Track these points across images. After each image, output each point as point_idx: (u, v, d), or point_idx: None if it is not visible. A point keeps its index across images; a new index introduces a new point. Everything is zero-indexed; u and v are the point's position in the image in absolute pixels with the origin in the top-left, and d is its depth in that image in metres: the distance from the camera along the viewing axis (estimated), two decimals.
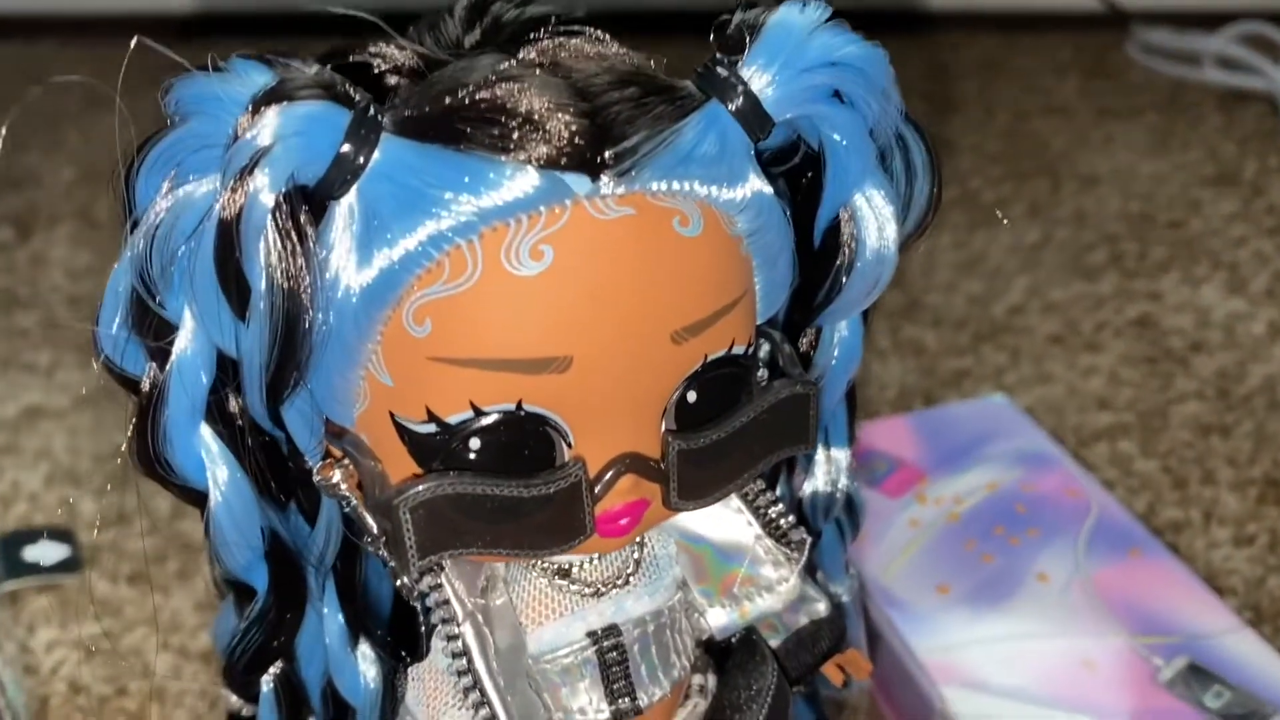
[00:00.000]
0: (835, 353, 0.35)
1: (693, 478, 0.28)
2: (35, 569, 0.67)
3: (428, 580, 0.30)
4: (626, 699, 0.31)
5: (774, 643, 0.36)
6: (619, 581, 0.31)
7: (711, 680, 0.35)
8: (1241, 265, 0.92)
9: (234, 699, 0.34)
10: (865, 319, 0.35)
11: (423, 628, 0.32)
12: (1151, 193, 1.03)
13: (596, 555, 0.31)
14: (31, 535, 0.69)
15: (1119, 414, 0.78)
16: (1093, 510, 0.61)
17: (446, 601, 0.30)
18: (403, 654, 0.32)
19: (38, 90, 0.34)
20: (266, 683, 0.32)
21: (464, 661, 0.29)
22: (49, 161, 1.10)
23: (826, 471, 0.37)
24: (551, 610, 0.31)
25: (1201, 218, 0.99)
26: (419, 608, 0.33)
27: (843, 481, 0.38)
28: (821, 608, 0.36)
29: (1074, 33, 1.32)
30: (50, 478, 0.75)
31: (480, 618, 0.30)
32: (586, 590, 0.31)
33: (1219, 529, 0.68)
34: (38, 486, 0.74)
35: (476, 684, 0.29)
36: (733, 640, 0.35)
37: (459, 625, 0.29)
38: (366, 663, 0.32)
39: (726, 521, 0.33)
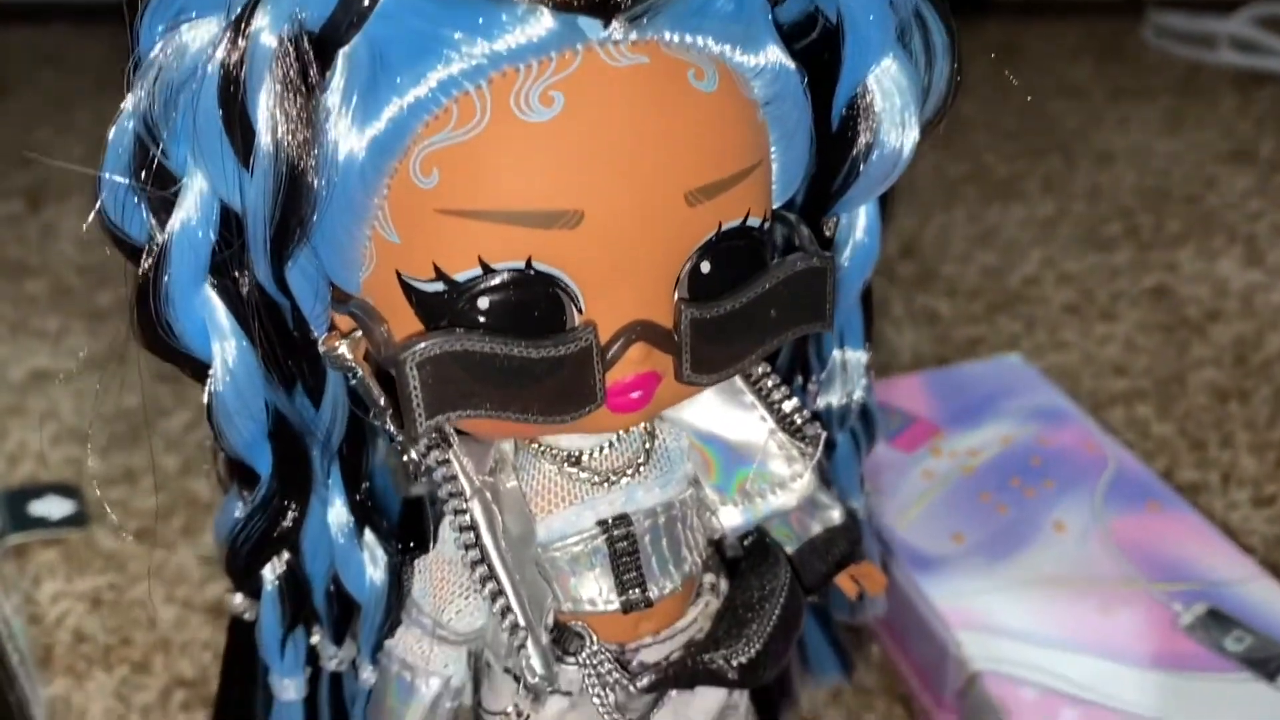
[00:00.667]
0: (851, 252, 0.34)
1: (706, 350, 0.28)
2: (41, 523, 0.66)
3: (435, 455, 0.29)
4: (637, 590, 0.31)
5: (788, 550, 0.35)
6: (630, 471, 0.30)
7: (724, 583, 0.34)
8: (1259, 238, 0.91)
9: (236, 600, 0.34)
10: (883, 214, 0.34)
11: (430, 520, 0.31)
12: (1167, 169, 1.02)
13: (607, 443, 0.30)
14: (38, 490, 0.69)
15: (1135, 380, 0.77)
16: (1110, 464, 0.60)
17: (454, 477, 0.29)
18: (409, 546, 0.32)
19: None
20: (270, 580, 0.31)
21: (471, 536, 0.28)
22: (60, 140, 1.10)
23: (842, 377, 0.36)
24: (561, 498, 0.30)
25: (1217, 193, 0.98)
26: (425, 497, 0.32)
27: (858, 391, 0.37)
28: (835, 515, 0.35)
29: (1088, 17, 1.31)
30: (57, 438, 0.74)
31: (489, 495, 0.29)
32: (597, 479, 0.30)
33: (1237, 490, 0.67)
34: (45, 446, 0.74)
35: (484, 559, 0.28)
36: (745, 544, 0.34)
37: (467, 501, 0.29)
38: (372, 557, 0.31)
39: (739, 420, 0.32)
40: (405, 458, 0.30)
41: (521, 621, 0.29)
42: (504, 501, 0.29)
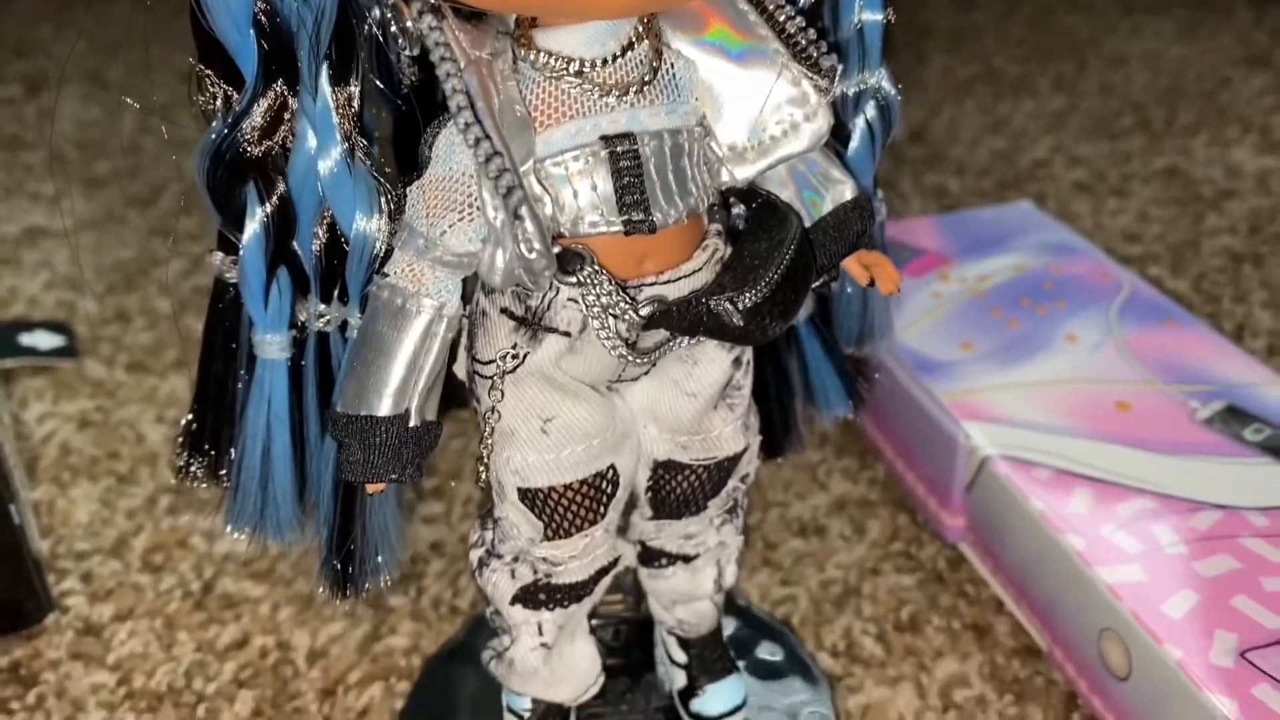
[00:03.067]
0: None
1: None
2: (30, 351, 0.65)
3: (428, 20, 0.28)
4: (640, 213, 0.29)
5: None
6: (635, 89, 0.29)
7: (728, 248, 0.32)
8: (1274, 129, 0.90)
9: (217, 259, 0.32)
10: None
11: (423, 140, 0.30)
12: (1180, 70, 1.00)
13: (612, 56, 0.29)
14: (28, 325, 0.68)
15: (1148, 246, 0.75)
16: (1124, 288, 0.59)
17: (447, 44, 0.27)
18: (400, 171, 0.30)
19: None
20: (257, 217, 0.30)
21: (463, 98, 0.27)
22: (61, 36, 1.09)
23: (859, 51, 0.35)
24: (563, 111, 0.29)
25: (1231, 92, 0.96)
26: (416, 116, 0.30)
27: (875, 74, 0.35)
28: (848, 191, 0.33)
29: None
30: (49, 284, 0.73)
31: (485, 71, 0.28)
32: (600, 93, 0.29)
33: (1252, 340, 0.66)
34: (36, 291, 0.72)
35: (478, 121, 0.27)
36: (753, 206, 0.33)
37: (461, 70, 0.27)
38: (362, 182, 0.30)
39: (751, 54, 0.31)
40: (396, 28, 0.28)
41: (517, 182, 0.27)
42: (501, 91, 0.28)
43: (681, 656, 0.40)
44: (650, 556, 0.37)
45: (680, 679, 0.40)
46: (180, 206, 0.81)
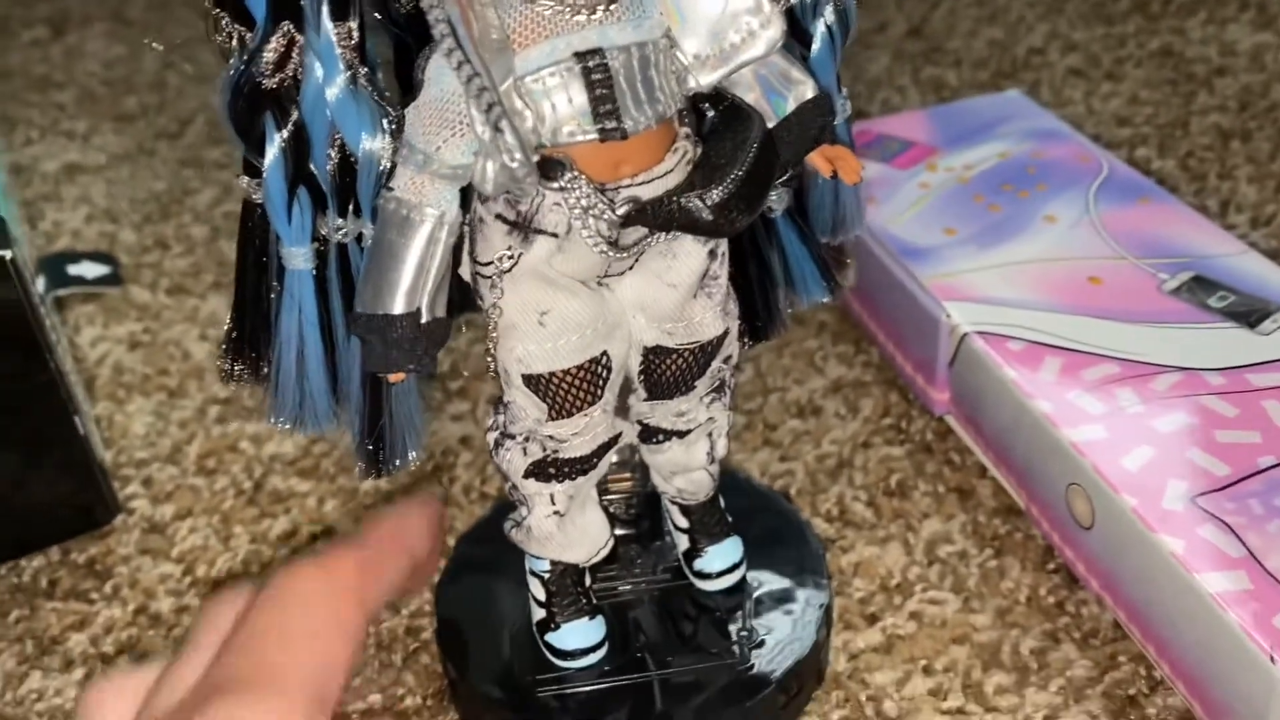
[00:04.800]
0: None
1: None
2: (78, 281, 0.70)
3: None
4: (613, 120, 0.33)
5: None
6: (603, 6, 0.32)
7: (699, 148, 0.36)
8: (1271, 3, 0.91)
9: (244, 181, 0.36)
10: None
11: (418, 65, 0.33)
12: None
13: None
14: (74, 256, 0.72)
15: (1138, 128, 0.77)
16: (1104, 169, 0.62)
17: None
18: (397, 104, 0.34)
19: None
20: (275, 142, 0.34)
21: (446, 27, 0.30)
22: None
23: None
24: (537, 32, 0.32)
25: None
26: (410, 42, 0.34)
27: None
28: (808, 90, 0.37)
29: None
30: (90, 217, 0.77)
31: (464, 3, 0.31)
32: (570, 11, 0.32)
33: (1235, 214, 0.68)
34: (78, 224, 0.77)
35: (459, 47, 0.30)
36: (719, 109, 0.36)
37: (442, 2, 0.31)
38: (366, 106, 0.33)
39: None
40: None
41: (496, 99, 0.31)
42: (480, 17, 0.31)
43: (683, 522, 0.45)
44: (648, 434, 0.41)
45: (684, 542, 0.45)
46: (207, 137, 0.85)
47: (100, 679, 0.38)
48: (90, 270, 0.71)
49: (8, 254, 0.46)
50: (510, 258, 0.35)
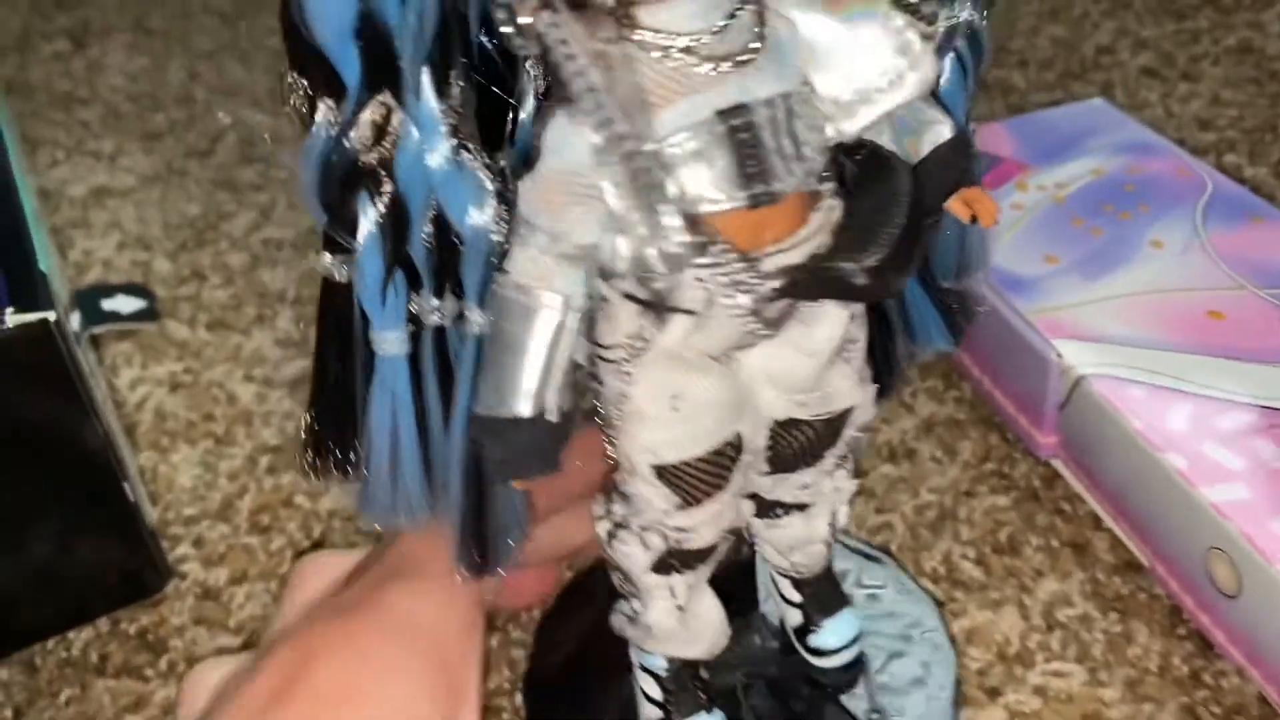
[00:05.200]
0: None
1: None
2: (113, 317, 0.66)
3: (546, 17, 0.27)
4: (762, 184, 0.29)
5: None
6: (743, 58, 0.29)
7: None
8: None
9: (326, 259, 0.32)
10: None
11: (537, 130, 0.29)
12: None
13: (717, 25, 0.28)
14: (108, 289, 0.69)
15: (1223, 131, 0.73)
16: (1208, 187, 0.58)
17: (566, 41, 0.27)
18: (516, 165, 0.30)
19: None
20: (371, 218, 0.30)
21: (585, 87, 0.27)
22: None
23: None
24: (675, 90, 0.28)
25: None
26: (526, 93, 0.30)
27: (961, 7, 0.34)
28: (946, 130, 0.33)
29: None
30: (121, 245, 0.74)
31: (601, 58, 0.27)
32: (708, 66, 0.28)
33: None
34: (110, 253, 0.73)
35: (602, 109, 0.26)
36: (857, 159, 0.33)
37: (581, 63, 0.27)
38: (474, 179, 0.29)
39: (849, 7, 0.30)
40: (510, 26, 0.28)
41: (651, 164, 0.27)
42: (618, 77, 0.28)
43: (796, 596, 0.41)
44: (766, 508, 0.38)
45: (796, 617, 0.41)
46: (239, 156, 0.81)
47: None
48: (125, 304, 0.67)
49: (51, 316, 0.42)
50: (643, 340, 0.31)
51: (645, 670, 0.38)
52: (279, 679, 0.37)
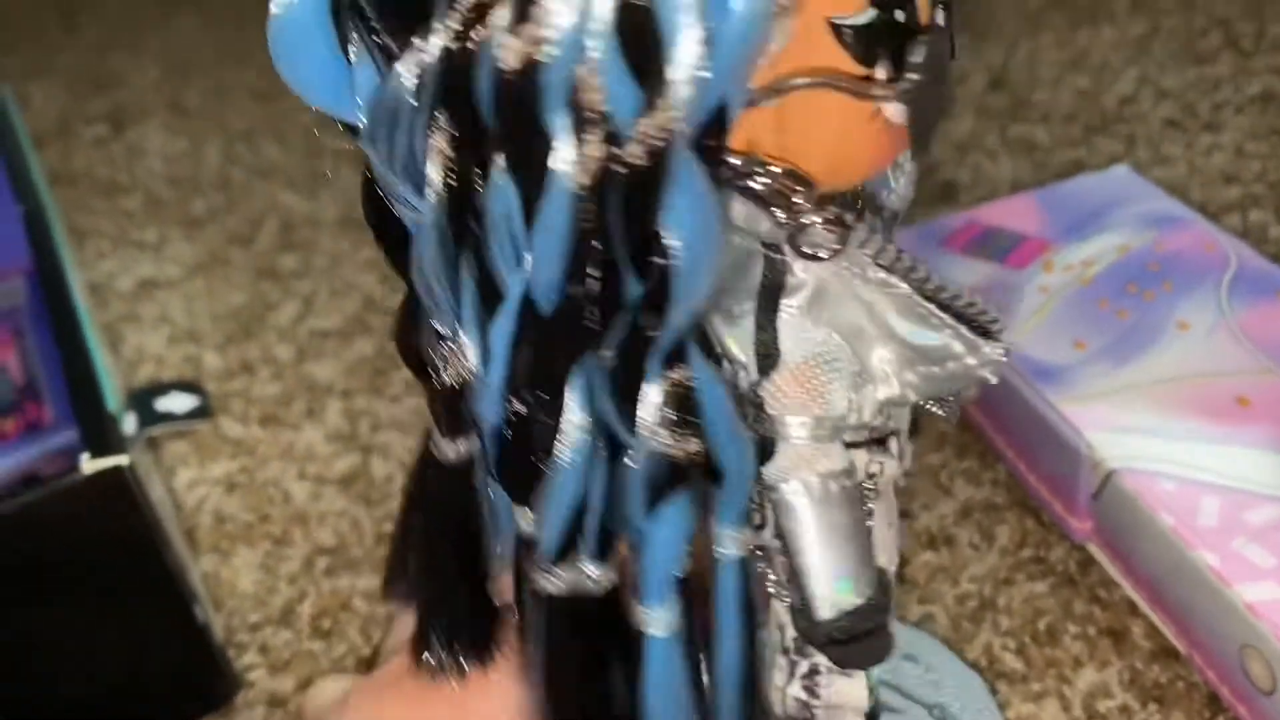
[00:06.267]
0: None
1: None
2: (168, 417, 0.68)
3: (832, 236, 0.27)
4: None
5: None
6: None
7: None
8: None
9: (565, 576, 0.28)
10: None
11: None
12: None
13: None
14: (161, 388, 0.71)
15: (1248, 186, 0.74)
16: (1232, 261, 0.59)
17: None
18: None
19: None
20: None
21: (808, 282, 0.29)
22: (135, 63, 1.11)
23: None
24: None
25: None
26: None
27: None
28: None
29: None
30: (172, 339, 0.76)
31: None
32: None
33: None
34: (161, 349, 0.76)
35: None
36: None
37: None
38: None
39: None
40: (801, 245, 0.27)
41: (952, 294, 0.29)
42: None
43: None
44: None
45: None
46: (280, 242, 0.84)
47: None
48: (179, 403, 0.70)
49: (124, 461, 0.45)
50: (875, 473, 0.32)
51: None
52: None
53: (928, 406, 0.32)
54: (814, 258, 0.28)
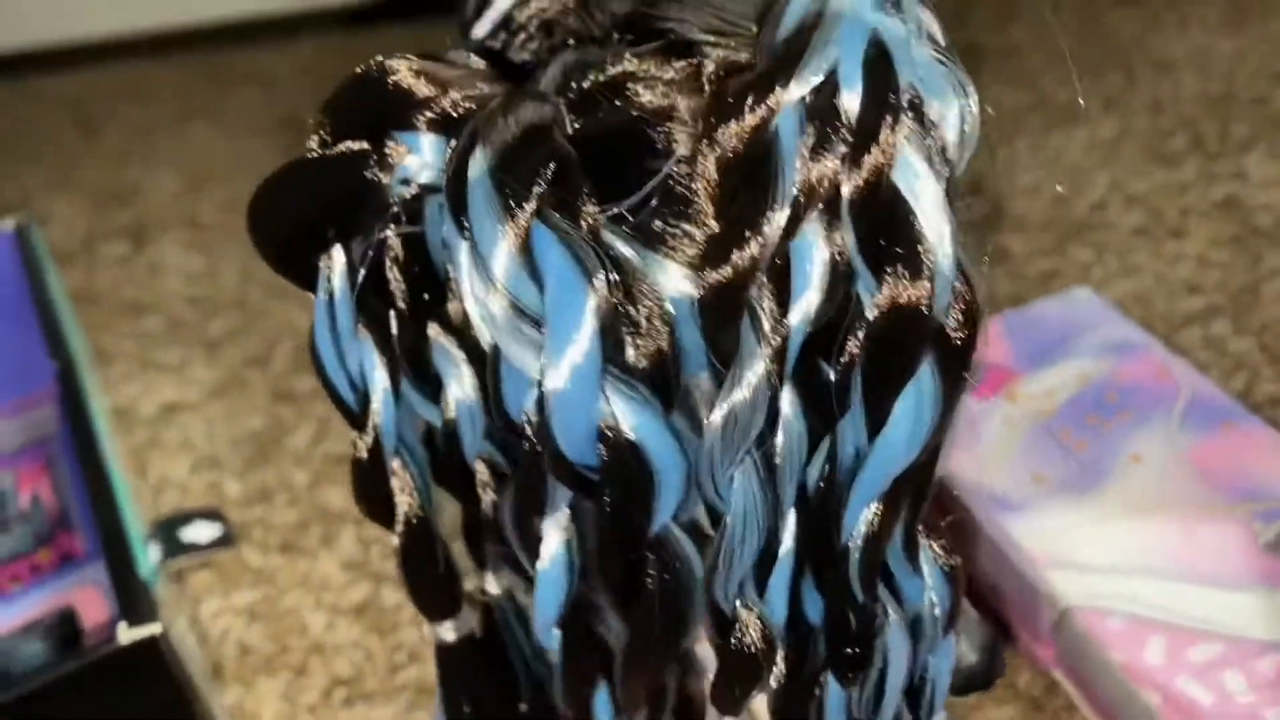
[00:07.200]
0: None
1: None
2: (192, 548, 0.73)
3: None
4: None
5: None
6: None
7: None
8: None
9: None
10: None
11: None
12: (1231, 71, 1.01)
13: None
14: (185, 518, 0.75)
15: (1209, 296, 0.78)
16: (1183, 392, 0.62)
17: None
18: None
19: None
20: None
21: None
22: (151, 175, 1.16)
23: None
24: None
25: None
26: None
27: None
28: None
29: None
30: (195, 465, 0.81)
31: None
32: None
33: None
34: (184, 475, 0.80)
35: None
36: None
37: None
38: None
39: None
40: None
41: None
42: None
43: None
44: None
45: None
46: (295, 364, 0.88)
47: None
48: (203, 533, 0.74)
49: (158, 629, 0.49)
50: None
51: None
52: None
53: None
54: None
